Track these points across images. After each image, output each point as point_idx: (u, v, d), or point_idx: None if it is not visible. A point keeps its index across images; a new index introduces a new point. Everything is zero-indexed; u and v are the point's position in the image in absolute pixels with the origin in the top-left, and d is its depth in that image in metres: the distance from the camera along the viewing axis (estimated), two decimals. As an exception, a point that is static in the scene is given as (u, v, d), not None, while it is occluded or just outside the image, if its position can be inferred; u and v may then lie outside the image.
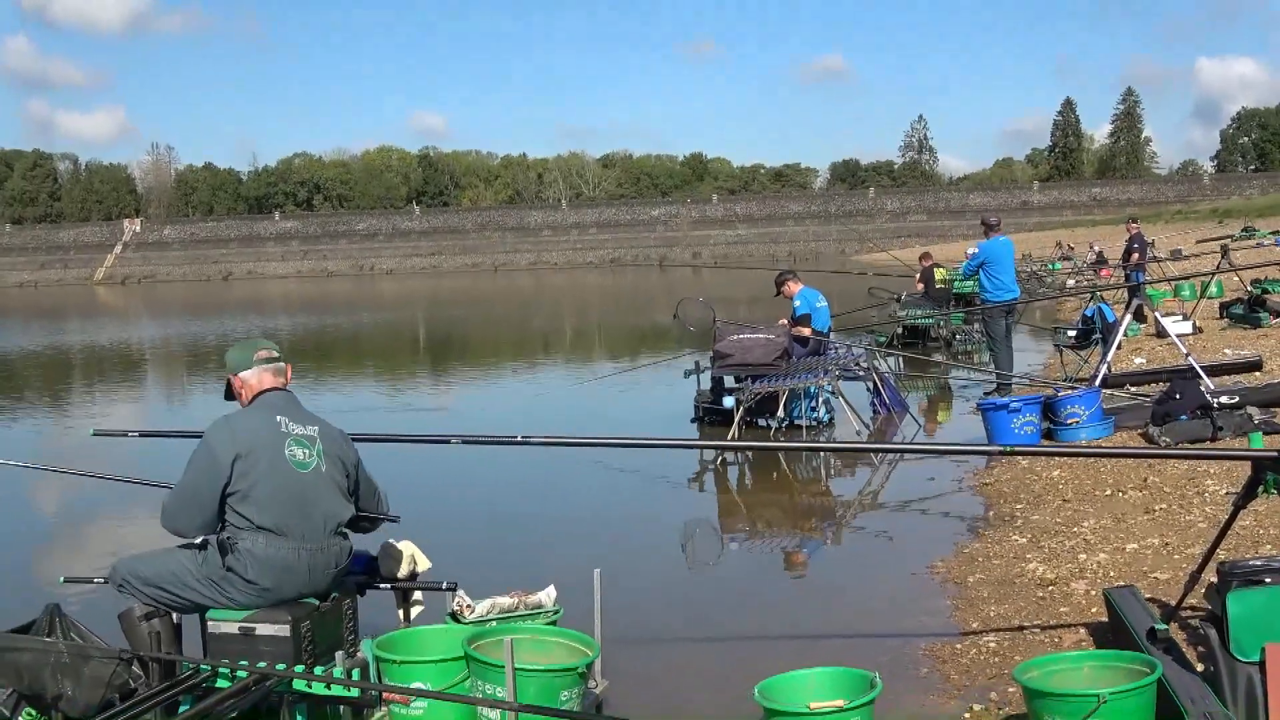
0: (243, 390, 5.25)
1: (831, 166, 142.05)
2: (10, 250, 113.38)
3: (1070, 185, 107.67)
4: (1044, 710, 4.40)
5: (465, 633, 5.28)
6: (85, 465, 7.63)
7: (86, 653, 5.03)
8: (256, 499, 4.89)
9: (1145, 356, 15.59)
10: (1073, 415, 10.55)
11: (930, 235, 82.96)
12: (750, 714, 5.01)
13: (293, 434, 5.04)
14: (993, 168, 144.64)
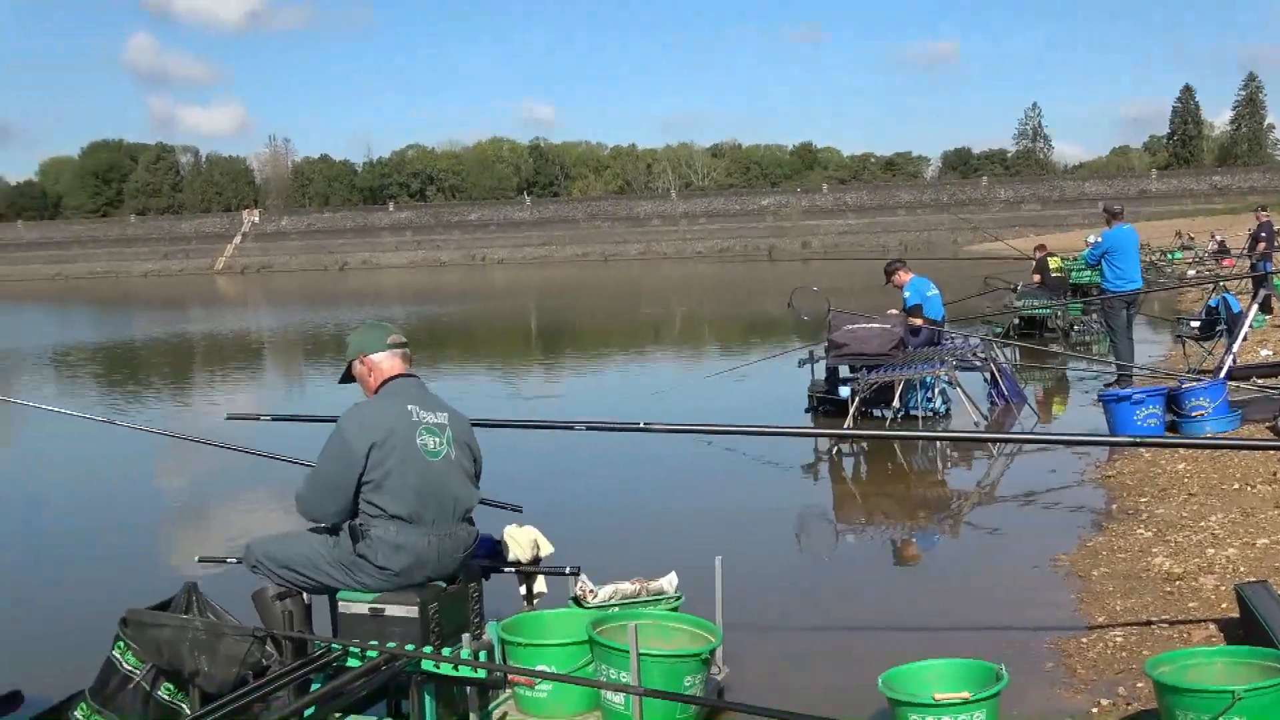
0: (370, 374, 5.25)
1: (943, 155, 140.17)
2: (135, 241, 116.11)
3: (1189, 173, 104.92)
4: (1176, 706, 4.33)
5: (589, 617, 5.32)
6: (221, 450, 7.81)
7: (222, 630, 5.15)
8: (390, 488, 4.94)
9: (1271, 348, 15.19)
10: (1198, 408, 10.33)
11: (1045, 224, 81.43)
12: (873, 703, 4.99)
13: (424, 422, 5.08)
14: (1109, 156, 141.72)
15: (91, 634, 5.65)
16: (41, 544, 9.47)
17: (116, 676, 5.32)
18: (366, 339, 5.31)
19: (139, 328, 38.03)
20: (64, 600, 7.69)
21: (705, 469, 10.78)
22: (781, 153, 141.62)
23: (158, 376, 23.50)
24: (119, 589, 6.85)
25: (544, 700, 5.12)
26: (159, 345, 31.18)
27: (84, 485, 11.69)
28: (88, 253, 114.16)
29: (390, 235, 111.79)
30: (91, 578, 8.20)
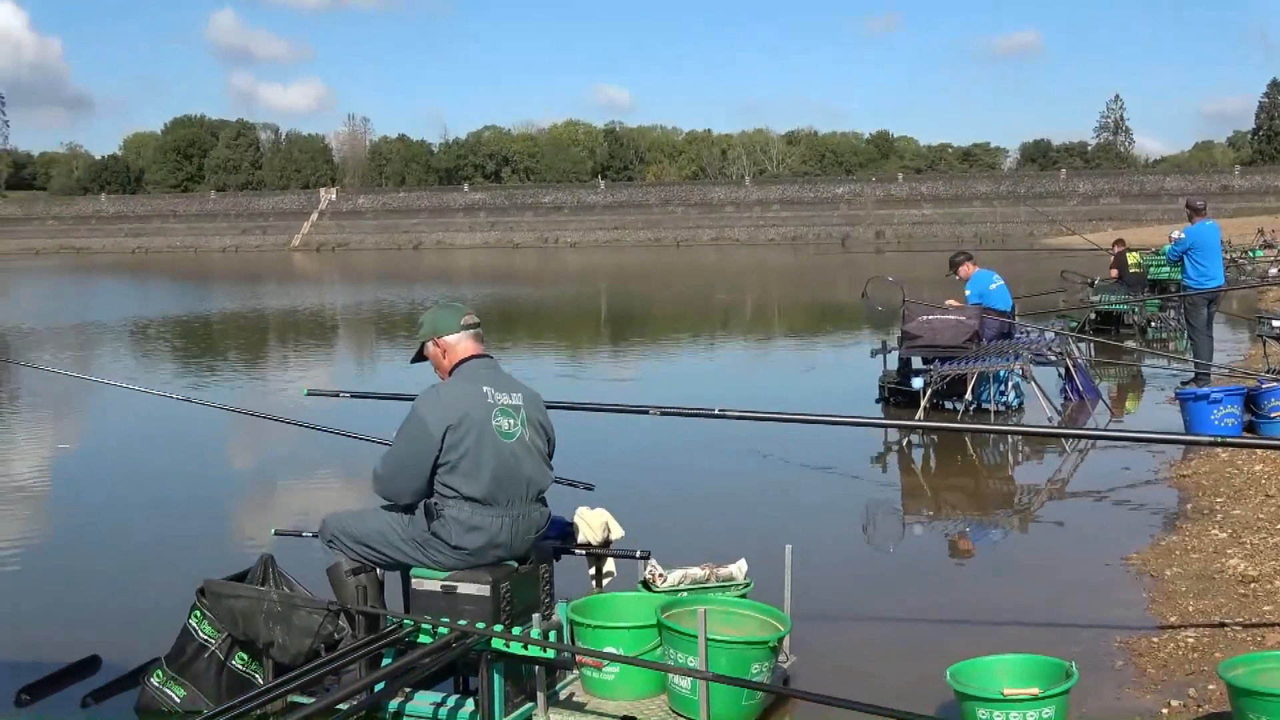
0: (445, 355, 5.28)
1: (1021, 146, 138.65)
2: (215, 216, 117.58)
3: (1275, 170, 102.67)
4: (1250, 709, 4.28)
5: (658, 601, 5.34)
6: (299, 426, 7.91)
7: (296, 603, 5.23)
8: (465, 470, 4.97)
9: (1354, 350, 14.90)
10: (1277, 408, 10.17)
11: (1124, 219, 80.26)
12: (940, 697, 4.98)
13: (499, 404, 5.11)
14: (1191, 150, 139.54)
15: (169, 603, 5.76)
16: (121, 516, 9.63)
17: (192, 645, 5.42)
18: (440, 320, 5.34)
19: (217, 303, 38.51)
20: (143, 570, 7.84)
21: (776, 456, 10.76)
22: (857, 141, 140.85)
23: (236, 352, 23.79)
24: (197, 560, 6.97)
25: (611, 682, 5.14)
26: (237, 320, 31.56)
27: (163, 460, 11.88)
28: (168, 227, 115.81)
29: (464, 216, 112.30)
30: (170, 549, 8.33)
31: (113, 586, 7.51)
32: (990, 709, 4.69)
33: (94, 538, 8.90)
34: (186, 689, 5.37)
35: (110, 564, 8.09)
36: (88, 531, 9.12)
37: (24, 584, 7.71)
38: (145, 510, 9.71)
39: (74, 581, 7.71)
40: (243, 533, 8.62)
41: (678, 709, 4.98)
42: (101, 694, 5.55)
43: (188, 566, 6.51)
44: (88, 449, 13.14)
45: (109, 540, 8.80)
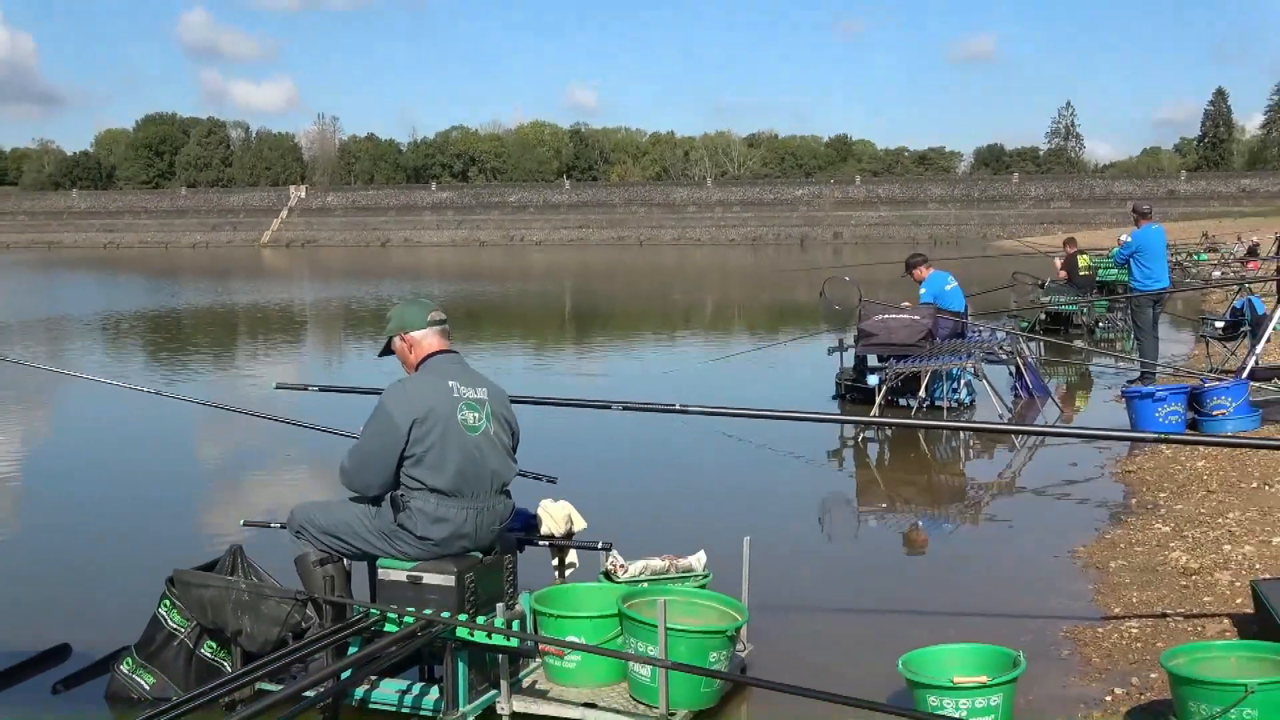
0: (411, 350, 5.28)
1: (976, 151, 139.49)
2: (185, 213, 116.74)
3: (1219, 176, 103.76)
4: (1189, 698, 4.33)
5: (619, 591, 5.36)
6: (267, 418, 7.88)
7: (264, 592, 5.23)
8: (430, 463, 4.98)
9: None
10: (1219, 406, 10.28)
11: (1074, 222, 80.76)
12: (893, 685, 5.01)
13: (464, 398, 5.11)
14: (1139, 156, 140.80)
15: (138, 592, 5.73)
16: (90, 507, 9.56)
17: (162, 633, 5.41)
18: (407, 316, 5.33)
19: (187, 298, 38.28)
20: (111, 560, 7.79)
21: (736, 451, 10.79)
22: (817, 144, 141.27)
23: (206, 346, 23.65)
24: (166, 550, 6.93)
25: (573, 670, 5.16)
26: (207, 315, 31.39)
27: (133, 452, 11.81)
28: (139, 223, 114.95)
29: (432, 214, 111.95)
30: (139, 540, 8.29)
31: (82, 576, 7.46)
32: (940, 696, 4.73)
33: (64, 528, 8.83)
34: (156, 676, 5.36)
35: (80, 554, 8.03)
36: (58, 522, 9.05)
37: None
38: (115, 501, 9.65)
39: (44, 571, 7.65)
40: (212, 524, 8.57)
41: (638, 696, 5.00)
42: (71, 681, 5.53)
43: (157, 556, 6.47)
44: (58, 442, 13.04)
45: (79, 531, 8.73)
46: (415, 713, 5.11)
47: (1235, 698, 4.19)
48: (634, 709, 4.96)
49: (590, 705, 5.02)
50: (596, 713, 4.99)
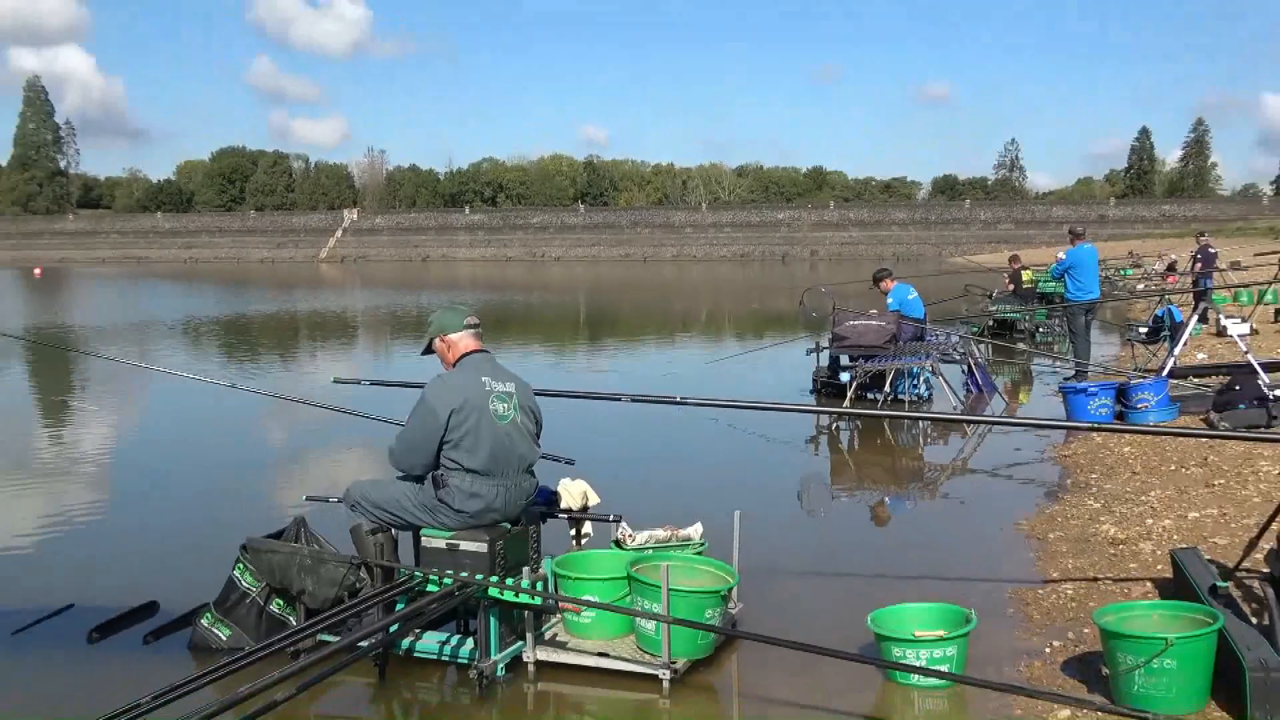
0: (449, 350, 5.28)
1: (933, 180, 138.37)
2: (254, 232, 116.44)
3: (1143, 202, 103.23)
4: (1118, 649, 4.34)
5: (627, 557, 5.37)
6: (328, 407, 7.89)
7: (324, 557, 5.23)
8: (466, 447, 4.98)
9: (1207, 353, 15.03)
10: (1143, 400, 10.27)
11: (1017, 242, 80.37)
12: (863, 638, 5.02)
13: (495, 391, 5.12)
14: (1074, 185, 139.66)
15: (216, 557, 5.74)
16: (175, 483, 9.59)
17: (236, 592, 5.42)
18: (446, 320, 5.33)
19: (256, 305, 38.27)
20: (193, 529, 7.80)
21: (727, 438, 10.80)
22: (796, 174, 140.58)
23: (273, 346, 23.67)
24: (240, 521, 6.93)
25: (588, 625, 5.17)
26: (273, 320, 31.38)
27: (210, 436, 11.84)
28: (214, 241, 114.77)
29: (465, 234, 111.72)
30: (217, 512, 8.30)
31: (169, 543, 7.48)
32: (904, 648, 4.75)
33: (153, 501, 8.86)
34: (231, 629, 5.37)
35: (166, 524, 8.05)
36: (148, 496, 9.08)
37: (94, 540, 7.69)
38: (196, 479, 9.67)
39: (136, 538, 7.69)
40: (279, 498, 8.58)
41: (644, 647, 5.01)
42: (159, 633, 5.55)
43: (232, 526, 6.48)
44: (148, 427, 13.06)
45: (166, 503, 8.76)
46: (453, 661, 5.13)
47: (1157, 649, 4.19)
48: (641, 658, 4.97)
49: (603, 654, 5.03)
50: (609, 661, 5.00)
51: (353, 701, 4.93)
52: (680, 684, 4.89)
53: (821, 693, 4.71)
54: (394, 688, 5.01)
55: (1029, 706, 4.43)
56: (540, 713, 4.85)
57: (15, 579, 6.69)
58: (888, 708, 4.60)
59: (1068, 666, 4.85)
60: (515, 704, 4.85)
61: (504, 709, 4.81)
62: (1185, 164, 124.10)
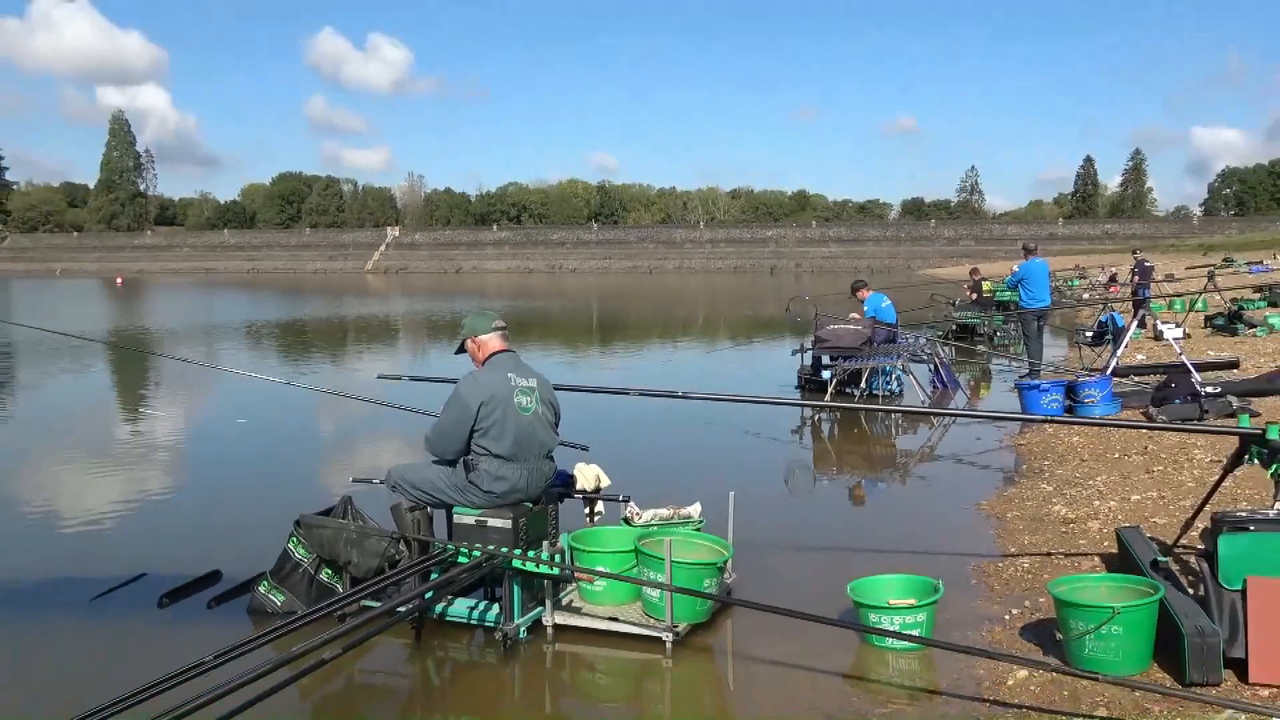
0: (478, 350, 5.25)
1: (902, 203, 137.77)
2: (309, 247, 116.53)
3: (1087, 222, 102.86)
4: (1070, 617, 4.28)
5: (635, 533, 5.34)
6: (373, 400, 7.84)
7: (368, 532, 5.20)
8: (494, 435, 4.95)
9: (1146, 354, 14.94)
10: (1089, 396, 10.20)
11: (976, 256, 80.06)
12: (842, 604, 4.97)
13: (519, 386, 5.09)
14: (1027, 206, 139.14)
15: (272, 531, 5.70)
16: (236, 467, 9.57)
17: (290, 563, 5.39)
18: (477, 324, 5.30)
19: (312, 310, 38.29)
20: (251, 506, 7.78)
21: (723, 427, 10.73)
22: (783, 196, 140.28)
23: (324, 346, 23.65)
24: (294, 499, 6.90)
25: (600, 593, 5.13)
26: (325, 323, 31.38)
27: (267, 425, 11.80)
28: (274, 254, 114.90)
29: (493, 249, 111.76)
30: (273, 491, 8.29)
31: (230, 519, 7.45)
32: (879, 614, 4.70)
33: (216, 483, 8.83)
34: (285, 595, 5.34)
35: (228, 502, 8.02)
36: (212, 478, 9.05)
37: (164, 516, 7.65)
38: (255, 462, 9.65)
39: (201, 514, 7.65)
40: (328, 479, 8.55)
41: (649, 613, 4.97)
42: (222, 599, 5.52)
43: (287, 504, 6.44)
44: (213, 418, 13.03)
45: (228, 485, 8.73)
46: (481, 624, 5.09)
47: (1105, 617, 4.14)
48: (647, 622, 4.93)
49: (614, 619, 4.99)
50: (619, 625, 4.97)
51: (392, 660, 4.89)
52: (681, 645, 4.84)
53: (806, 654, 4.66)
54: (428, 648, 4.97)
55: (991, 667, 4.37)
56: (558, 670, 4.80)
57: (94, 551, 6.66)
58: (865, 667, 4.55)
59: (1025, 632, 4.79)
60: (536, 662, 4.81)
61: (526, 666, 4.77)
62: (1125, 188, 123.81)
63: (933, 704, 4.15)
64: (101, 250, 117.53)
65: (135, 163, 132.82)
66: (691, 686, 4.61)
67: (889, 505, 8.07)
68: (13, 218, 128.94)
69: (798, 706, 4.18)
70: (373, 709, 4.49)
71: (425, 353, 22.45)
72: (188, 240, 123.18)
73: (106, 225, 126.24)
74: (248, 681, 3.37)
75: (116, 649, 5.01)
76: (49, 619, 5.40)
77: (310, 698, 4.46)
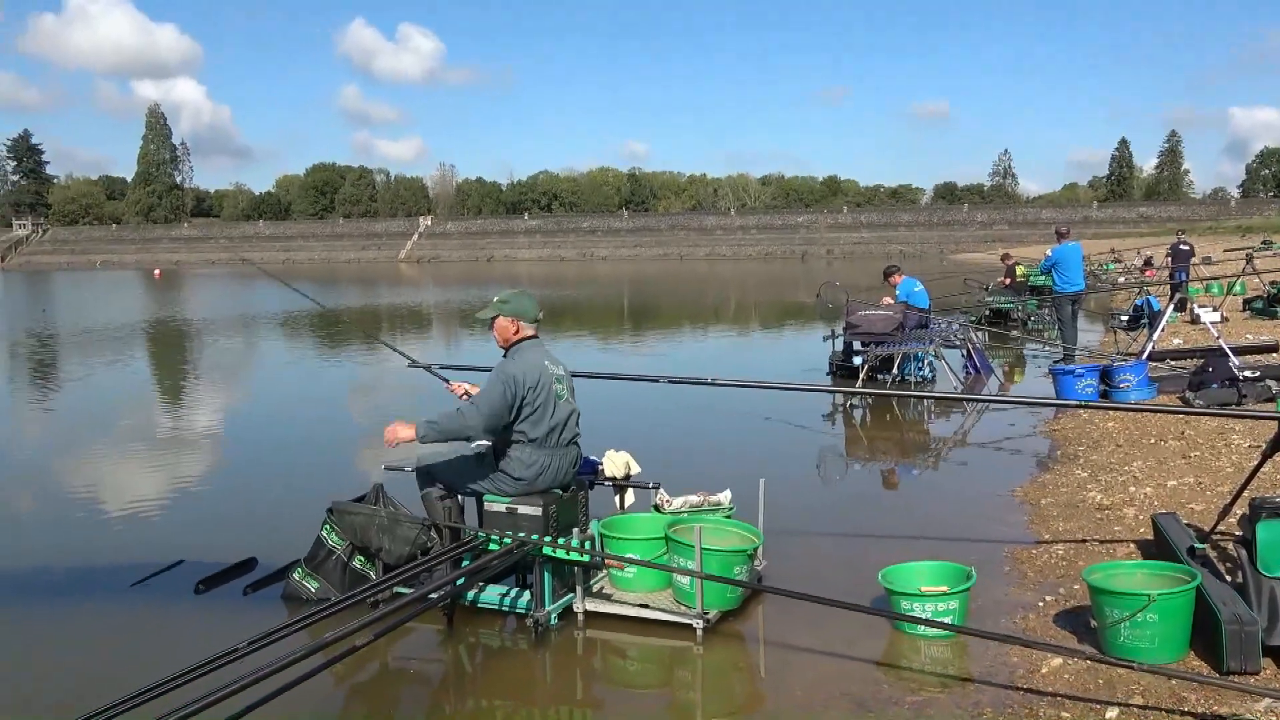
0: (514, 331, 5.14)
1: (934, 187, 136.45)
2: (342, 237, 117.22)
3: (1122, 205, 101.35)
4: (1105, 604, 4.22)
5: (665, 520, 5.32)
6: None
7: (400, 519, 5.22)
8: (532, 420, 4.97)
9: (1182, 338, 14.72)
10: (1125, 380, 10.05)
11: (1010, 240, 79.19)
12: (874, 592, 4.94)
13: (555, 374, 5.10)
14: (1061, 190, 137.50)
15: (306, 519, 5.74)
16: (270, 454, 9.66)
17: (324, 550, 5.42)
18: (524, 306, 5.20)
19: (345, 299, 38.54)
20: (285, 494, 7.85)
21: (754, 414, 10.69)
22: (813, 182, 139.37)
23: (360, 334, 23.79)
24: (326, 487, 6.94)
25: (630, 579, 5.13)
26: (359, 311, 31.56)
27: (300, 413, 11.90)
28: (308, 244, 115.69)
29: (525, 237, 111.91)
30: (306, 478, 8.35)
31: (265, 506, 7.52)
32: (911, 601, 4.66)
33: (251, 470, 8.91)
34: (319, 582, 5.38)
35: (263, 490, 8.10)
36: (247, 466, 9.14)
37: (201, 503, 7.73)
38: (289, 450, 9.73)
39: (237, 502, 7.73)
40: (360, 467, 8.60)
41: (680, 600, 4.96)
42: (258, 585, 5.57)
43: (320, 492, 6.48)
44: (248, 406, 13.15)
45: (262, 472, 8.81)
46: (512, 611, 5.10)
47: (1140, 604, 4.08)
48: (677, 609, 4.91)
49: (644, 606, 4.99)
50: (649, 611, 4.95)
51: (425, 646, 4.91)
52: (712, 632, 4.83)
53: (837, 641, 4.63)
54: (460, 634, 4.99)
55: (1024, 655, 4.32)
56: (589, 657, 4.80)
57: (134, 538, 6.74)
58: (896, 654, 4.51)
59: (1059, 619, 4.74)
60: (566, 648, 4.82)
61: (556, 653, 4.77)
62: (1161, 170, 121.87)
63: (965, 692, 4.11)
64: (139, 242, 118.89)
65: (171, 155, 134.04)
66: (722, 673, 4.59)
67: (921, 491, 7.99)
68: (53, 210, 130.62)
69: (829, 694, 4.16)
70: (405, 694, 4.51)
71: (457, 339, 22.51)
72: (224, 231, 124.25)
73: (144, 217, 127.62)
74: (282, 667, 3.39)
75: (155, 634, 5.06)
76: (92, 604, 5.47)
77: (343, 684, 4.49)
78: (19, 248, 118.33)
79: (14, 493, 8.30)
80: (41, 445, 10.59)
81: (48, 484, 8.55)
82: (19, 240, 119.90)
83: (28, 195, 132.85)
